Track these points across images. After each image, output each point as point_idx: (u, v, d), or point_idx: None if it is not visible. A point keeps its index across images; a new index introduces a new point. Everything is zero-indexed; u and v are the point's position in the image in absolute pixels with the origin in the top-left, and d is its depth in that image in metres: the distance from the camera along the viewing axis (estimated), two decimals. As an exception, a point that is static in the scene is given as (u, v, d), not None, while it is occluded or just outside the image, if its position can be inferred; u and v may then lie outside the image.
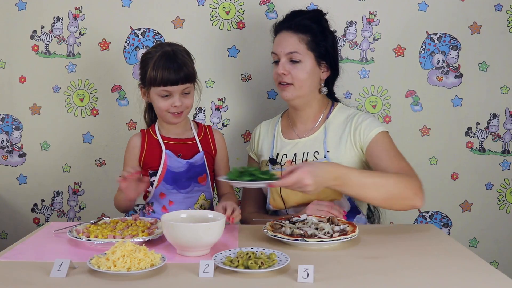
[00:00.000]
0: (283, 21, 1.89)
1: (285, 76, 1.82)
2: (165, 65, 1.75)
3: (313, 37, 1.83)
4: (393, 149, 1.78)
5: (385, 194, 1.62)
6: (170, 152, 1.84)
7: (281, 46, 1.83)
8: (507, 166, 2.33)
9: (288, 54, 1.81)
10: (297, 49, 1.81)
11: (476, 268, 1.34)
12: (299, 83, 1.81)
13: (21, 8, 2.27)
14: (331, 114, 1.89)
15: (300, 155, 1.87)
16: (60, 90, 2.30)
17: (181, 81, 1.76)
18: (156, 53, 1.78)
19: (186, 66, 1.78)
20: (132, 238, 1.46)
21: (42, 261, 1.35)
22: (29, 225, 2.34)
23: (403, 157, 1.76)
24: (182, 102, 1.79)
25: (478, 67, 2.29)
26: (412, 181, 1.66)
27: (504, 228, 2.35)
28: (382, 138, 1.79)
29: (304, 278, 1.21)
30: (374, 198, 1.64)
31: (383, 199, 1.63)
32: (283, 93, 1.85)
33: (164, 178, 1.83)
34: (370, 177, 1.63)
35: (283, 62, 1.82)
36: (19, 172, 2.33)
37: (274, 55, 1.87)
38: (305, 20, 1.84)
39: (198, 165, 1.86)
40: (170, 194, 1.84)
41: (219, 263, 1.28)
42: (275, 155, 1.92)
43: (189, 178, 1.85)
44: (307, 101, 1.87)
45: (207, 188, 1.90)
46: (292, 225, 1.57)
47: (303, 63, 1.81)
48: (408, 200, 1.64)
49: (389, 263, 1.37)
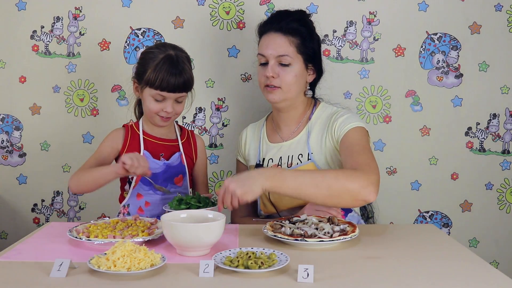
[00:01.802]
0: (270, 22, 1.85)
1: (274, 79, 1.79)
2: (166, 71, 1.73)
3: (302, 39, 1.80)
4: (359, 144, 1.71)
5: (326, 191, 1.55)
6: (147, 152, 1.82)
7: (270, 48, 1.80)
8: (507, 166, 2.32)
9: (278, 57, 1.79)
10: (287, 52, 1.78)
11: (476, 268, 1.34)
12: (287, 87, 1.79)
13: (21, 8, 2.27)
14: (313, 115, 1.88)
15: (286, 159, 1.85)
16: (60, 90, 2.30)
17: (178, 90, 1.76)
18: (159, 55, 1.76)
19: (187, 75, 1.77)
20: (132, 238, 1.46)
21: (42, 261, 1.35)
22: (29, 225, 2.34)
23: (367, 152, 1.69)
24: (174, 109, 1.79)
25: (478, 67, 2.29)
26: (360, 174, 1.56)
27: (504, 228, 2.35)
28: (353, 133, 1.74)
29: (304, 278, 1.21)
30: (315, 196, 1.56)
31: (325, 196, 1.56)
32: (269, 96, 1.81)
33: (142, 179, 1.81)
34: (306, 174, 1.58)
35: (272, 64, 1.79)
36: (19, 172, 2.33)
37: (261, 57, 1.83)
38: (293, 22, 1.81)
39: (175, 166, 1.85)
40: (147, 195, 1.83)
41: (219, 263, 1.28)
42: (261, 160, 1.90)
43: (166, 179, 1.83)
44: (292, 104, 1.85)
45: (184, 189, 1.88)
46: (292, 225, 1.57)
47: (292, 66, 1.79)
48: (354, 194, 1.55)
49: (389, 263, 1.37)
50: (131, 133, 1.86)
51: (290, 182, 1.54)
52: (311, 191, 1.55)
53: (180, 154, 1.86)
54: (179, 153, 1.85)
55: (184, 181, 1.87)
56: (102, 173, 1.74)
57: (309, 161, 1.80)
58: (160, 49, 1.79)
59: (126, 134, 1.85)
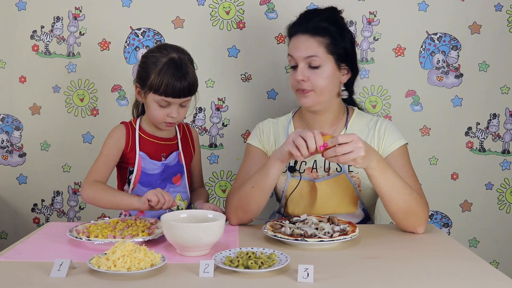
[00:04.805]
0: (298, 23, 1.77)
1: (304, 82, 1.71)
2: (171, 76, 1.68)
3: (332, 39, 1.71)
4: (410, 167, 1.74)
5: (405, 204, 1.58)
6: (143, 153, 1.79)
7: (298, 50, 1.71)
8: (507, 166, 2.32)
9: (306, 59, 1.70)
10: (316, 52, 1.70)
11: (476, 268, 1.34)
12: (319, 90, 1.71)
13: (21, 8, 2.27)
14: (350, 120, 1.82)
15: (321, 162, 1.77)
16: (60, 90, 2.30)
17: (183, 95, 1.71)
18: (162, 59, 1.70)
19: (191, 79, 1.71)
20: (132, 238, 1.46)
21: (42, 261, 1.35)
22: (29, 225, 2.34)
23: (414, 174, 1.73)
24: (179, 113, 1.75)
25: (478, 67, 2.29)
26: (426, 207, 1.64)
27: (504, 228, 2.35)
28: (403, 152, 1.75)
29: (304, 278, 1.21)
30: (394, 202, 1.58)
31: (401, 208, 1.58)
32: (303, 100, 1.73)
33: (140, 180, 1.79)
34: (401, 179, 1.58)
35: (301, 67, 1.71)
36: (19, 172, 2.33)
37: (290, 59, 1.75)
38: (322, 21, 1.72)
39: (172, 165, 1.83)
40: None
41: (219, 263, 1.28)
42: (293, 162, 1.80)
43: (164, 180, 1.81)
44: (327, 106, 1.77)
45: (183, 188, 1.86)
46: (292, 225, 1.57)
47: (322, 68, 1.71)
48: (418, 221, 1.61)
49: (389, 263, 1.37)
50: (131, 131, 1.84)
51: (389, 177, 1.56)
52: (395, 197, 1.57)
53: (178, 153, 1.85)
54: (177, 152, 1.84)
55: (183, 180, 1.86)
56: (123, 204, 1.69)
57: (350, 173, 1.75)
58: (162, 53, 1.73)
59: (127, 132, 1.82)
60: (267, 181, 1.63)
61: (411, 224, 1.62)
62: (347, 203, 1.76)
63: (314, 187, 1.76)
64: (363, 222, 1.81)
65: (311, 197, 1.77)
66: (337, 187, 1.76)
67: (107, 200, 1.70)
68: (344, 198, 1.76)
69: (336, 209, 1.75)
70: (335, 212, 1.74)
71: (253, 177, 1.67)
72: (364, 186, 1.76)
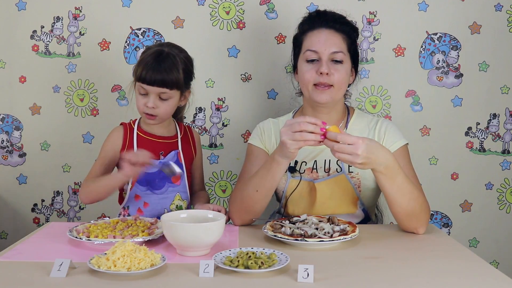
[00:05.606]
0: (319, 18, 1.78)
1: (328, 76, 1.70)
2: (149, 63, 1.71)
3: (350, 39, 1.77)
4: (411, 167, 1.74)
5: (409, 207, 1.57)
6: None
7: (325, 44, 1.71)
8: (507, 166, 2.33)
9: (332, 54, 1.71)
10: (341, 48, 1.72)
11: (476, 268, 1.34)
12: (338, 85, 1.72)
13: (21, 8, 2.27)
14: (350, 121, 1.82)
15: (322, 163, 1.78)
16: (60, 90, 2.30)
17: (156, 84, 1.71)
18: (152, 49, 1.76)
19: (170, 71, 1.71)
20: (132, 238, 1.46)
21: (42, 261, 1.35)
22: (29, 225, 2.34)
23: (414, 174, 1.73)
24: (156, 105, 1.73)
25: (478, 67, 2.29)
26: (428, 209, 1.64)
27: (504, 228, 2.35)
28: (404, 152, 1.75)
29: (304, 278, 1.21)
30: (398, 205, 1.57)
31: (404, 211, 1.58)
32: (321, 96, 1.72)
33: (138, 180, 1.79)
34: (410, 184, 1.57)
35: (326, 61, 1.70)
36: (19, 172, 2.33)
37: (311, 53, 1.73)
38: (345, 24, 1.78)
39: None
40: (145, 196, 1.80)
41: (219, 263, 1.28)
42: (293, 162, 1.80)
43: (162, 179, 1.80)
44: (335, 105, 1.79)
45: (182, 188, 1.85)
46: (292, 225, 1.57)
47: (344, 64, 1.73)
48: (419, 223, 1.61)
49: (389, 263, 1.37)
50: (129, 132, 1.85)
51: (397, 182, 1.54)
52: (398, 199, 1.56)
53: (177, 152, 1.84)
54: (176, 151, 1.84)
55: (182, 180, 1.86)
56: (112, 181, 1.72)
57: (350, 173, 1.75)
58: (157, 47, 1.78)
59: (125, 132, 1.83)
60: (272, 183, 1.63)
61: (413, 225, 1.62)
62: (346, 204, 1.76)
63: (314, 187, 1.76)
64: (363, 222, 1.81)
65: (311, 198, 1.77)
66: (337, 187, 1.76)
67: (97, 186, 1.74)
68: (344, 199, 1.76)
69: (336, 210, 1.75)
70: (334, 212, 1.74)
71: (256, 179, 1.65)
72: (364, 186, 1.76)
